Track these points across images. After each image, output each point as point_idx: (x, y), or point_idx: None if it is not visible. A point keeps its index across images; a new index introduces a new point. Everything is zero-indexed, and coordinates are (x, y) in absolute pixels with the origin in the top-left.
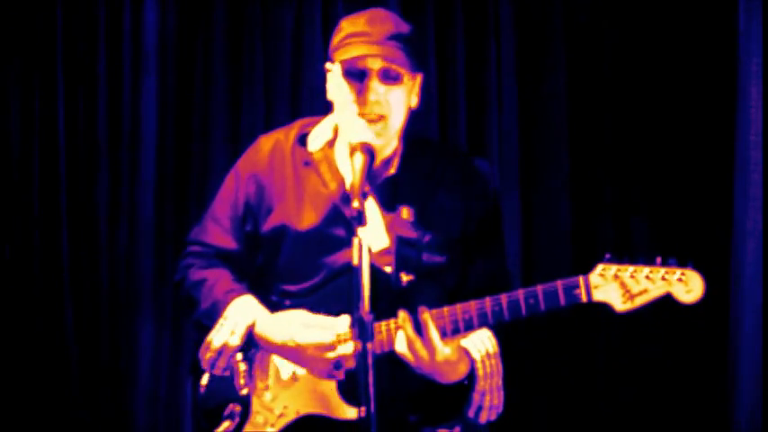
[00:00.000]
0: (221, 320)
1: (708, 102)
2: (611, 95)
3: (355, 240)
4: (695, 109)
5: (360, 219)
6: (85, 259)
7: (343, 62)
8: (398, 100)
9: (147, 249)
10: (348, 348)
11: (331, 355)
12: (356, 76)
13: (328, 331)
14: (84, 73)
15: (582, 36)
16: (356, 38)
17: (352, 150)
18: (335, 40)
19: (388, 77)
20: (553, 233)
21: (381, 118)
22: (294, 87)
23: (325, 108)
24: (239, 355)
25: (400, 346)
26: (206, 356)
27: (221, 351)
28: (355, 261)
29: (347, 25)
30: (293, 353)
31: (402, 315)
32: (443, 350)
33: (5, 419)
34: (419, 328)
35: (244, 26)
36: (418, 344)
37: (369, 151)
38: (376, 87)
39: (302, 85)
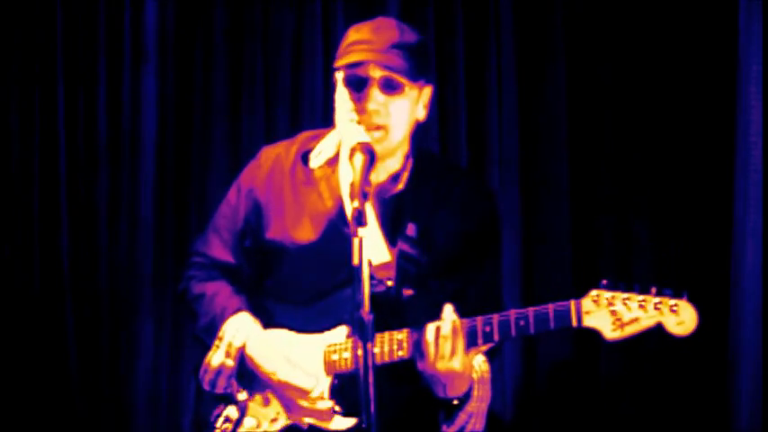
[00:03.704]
0: (217, 341)
1: (708, 102)
2: (612, 95)
3: (355, 240)
4: (695, 109)
5: (360, 219)
6: (85, 259)
7: (344, 70)
8: (400, 110)
9: (147, 249)
10: (324, 405)
11: (306, 404)
12: (356, 84)
13: (311, 377)
14: (84, 73)
15: (582, 36)
16: (358, 45)
17: (352, 151)
18: (340, 48)
19: (389, 87)
20: (553, 233)
21: (380, 128)
22: (294, 89)
23: (324, 110)
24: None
25: (430, 335)
26: (206, 378)
27: (219, 372)
28: (355, 261)
29: (353, 33)
30: (276, 386)
31: (448, 307)
32: (465, 359)
33: (5, 419)
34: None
35: (244, 27)
36: (447, 342)
37: (369, 151)
38: (376, 96)
39: (302, 87)
